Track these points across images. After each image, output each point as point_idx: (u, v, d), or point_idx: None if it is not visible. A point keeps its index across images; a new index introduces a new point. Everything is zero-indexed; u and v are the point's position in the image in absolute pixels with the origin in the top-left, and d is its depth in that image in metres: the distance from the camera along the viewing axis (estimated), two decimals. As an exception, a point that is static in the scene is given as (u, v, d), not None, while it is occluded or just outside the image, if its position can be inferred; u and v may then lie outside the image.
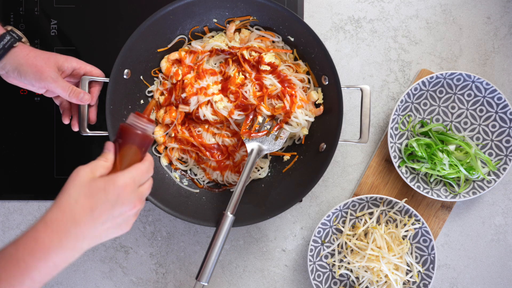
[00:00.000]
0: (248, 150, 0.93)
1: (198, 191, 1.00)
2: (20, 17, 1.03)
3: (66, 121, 0.97)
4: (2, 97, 1.04)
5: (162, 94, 0.99)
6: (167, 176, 0.99)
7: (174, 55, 0.98)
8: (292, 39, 0.96)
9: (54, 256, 0.61)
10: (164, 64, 0.98)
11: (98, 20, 1.04)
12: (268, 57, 0.95)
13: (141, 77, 0.98)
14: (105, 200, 0.64)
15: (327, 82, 0.94)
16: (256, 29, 0.98)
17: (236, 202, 0.84)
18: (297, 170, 0.99)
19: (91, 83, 0.93)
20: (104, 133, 0.91)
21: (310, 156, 0.98)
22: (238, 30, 0.99)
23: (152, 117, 1.00)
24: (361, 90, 0.91)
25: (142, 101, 0.99)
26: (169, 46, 0.98)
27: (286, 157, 1.00)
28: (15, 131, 1.04)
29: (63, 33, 1.04)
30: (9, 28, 0.87)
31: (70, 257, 0.63)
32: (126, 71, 0.93)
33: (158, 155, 1.01)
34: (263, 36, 0.98)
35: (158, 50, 0.97)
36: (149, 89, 1.00)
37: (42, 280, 0.61)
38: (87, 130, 0.93)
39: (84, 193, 0.63)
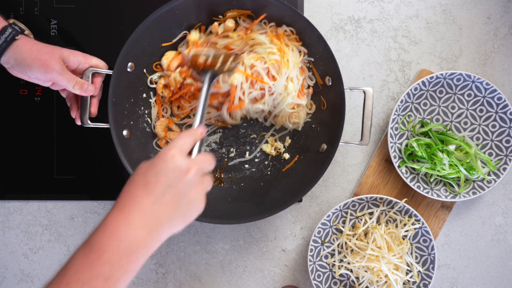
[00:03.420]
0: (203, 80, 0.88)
1: None
2: (20, 17, 1.03)
3: (74, 114, 0.96)
4: (2, 97, 1.04)
5: (165, 87, 0.99)
6: None
7: (173, 54, 0.98)
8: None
9: (125, 235, 0.60)
10: (165, 61, 0.98)
11: (98, 20, 1.04)
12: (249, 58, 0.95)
13: (144, 70, 0.98)
14: (155, 172, 0.63)
15: (330, 83, 0.94)
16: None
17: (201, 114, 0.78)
18: (296, 170, 0.99)
19: (93, 74, 0.93)
20: (106, 125, 0.91)
21: (310, 157, 0.98)
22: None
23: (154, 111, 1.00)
24: (364, 92, 0.92)
25: (144, 95, 0.99)
26: (174, 41, 0.98)
27: (286, 156, 1.01)
28: (15, 131, 1.04)
29: (63, 33, 1.04)
30: (11, 21, 0.87)
31: (144, 240, 0.61)
32: (130, 64, 0.93)
33: (159, 149, 1.01)
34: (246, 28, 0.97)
35: (163, 45, 0.97)
36: (153, 76, 0.99)
37: (118, 263, 0.59)
38: (89, 122, 0.93)
39: (137, 173, 0.65)
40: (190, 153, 0.70)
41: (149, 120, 1.00)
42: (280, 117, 1.00)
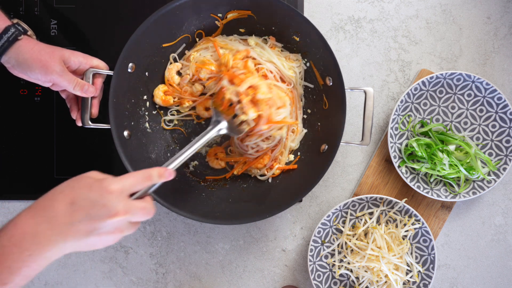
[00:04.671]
0: (213, 122, 0.90)
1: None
2: (20, 17, 1.02)
3: (75, 115, 0.95)
4: (2, 97, 1.04)
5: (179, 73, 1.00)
6: None
7: (164, 88, 1.00)
8: (297, 39, 0.96)
9: (31, 243, 0.60)
10: (157, 99, 0.99)
11: (98, 20, 1.04)
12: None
13: (146, 73, 0.97)
14: (86, 196, 0.62)
15: (331, 83, 0.94)
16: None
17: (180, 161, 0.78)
18: (297, 170, 0.99)
19: (94, 75, 0.92)
20: (106, 126, 0.91)
21: (311, 157, 0.98)
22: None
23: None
24: (365, 92, 0.91)
25: (145, 96, 0.99)
26: (174, 42, 0.98)
27: (291, 156, 1.01)
28: (15, 131, 1.04)
29: (63, 33, 1.04)
30: (15, 21, 0.87)
31: (45, 249, 0.61)
32: (130, 64, 0.93)
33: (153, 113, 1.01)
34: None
35: (163, 45, 0.97)
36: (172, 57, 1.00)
37: (19, 269, 0.60)
38: (90, 123, 0.93)
39: (71, 186, 0.63)
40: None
41: (150, 121, 1.00)
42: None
